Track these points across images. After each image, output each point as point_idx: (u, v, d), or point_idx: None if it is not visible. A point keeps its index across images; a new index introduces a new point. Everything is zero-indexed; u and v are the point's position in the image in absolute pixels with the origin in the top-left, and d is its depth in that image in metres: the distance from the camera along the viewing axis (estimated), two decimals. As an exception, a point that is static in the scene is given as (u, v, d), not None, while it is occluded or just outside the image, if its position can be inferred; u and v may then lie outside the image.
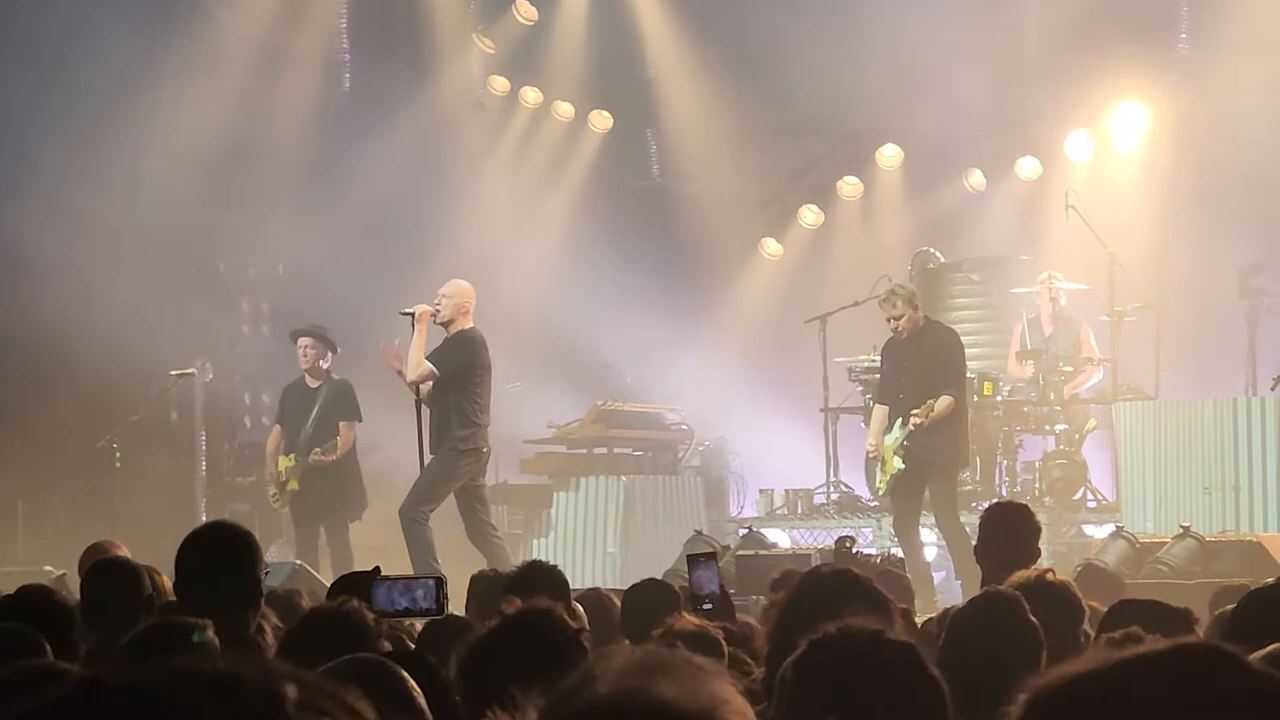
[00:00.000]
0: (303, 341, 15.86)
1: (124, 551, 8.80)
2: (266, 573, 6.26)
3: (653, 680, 1.86)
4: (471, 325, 13.95)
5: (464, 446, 13.81)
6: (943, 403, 13.82)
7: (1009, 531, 8.49)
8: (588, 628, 4.91)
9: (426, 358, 13.77)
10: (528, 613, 4.62)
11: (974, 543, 9.08)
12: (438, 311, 13.85)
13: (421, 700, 4.03)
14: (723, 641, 5.70)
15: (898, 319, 13.99)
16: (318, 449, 15.48)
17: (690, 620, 5.84)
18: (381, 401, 15.84)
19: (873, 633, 3.57)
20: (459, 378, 13.80)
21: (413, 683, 4.04)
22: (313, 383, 15.78)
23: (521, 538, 17.36)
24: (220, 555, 6.14)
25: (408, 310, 13.89)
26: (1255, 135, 17.76)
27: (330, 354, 15.82)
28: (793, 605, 5.17)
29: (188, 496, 19.51)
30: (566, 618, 4.70)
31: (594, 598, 8.21)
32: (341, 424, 15.62)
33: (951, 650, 4.90)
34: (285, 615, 6.90)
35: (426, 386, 13.95)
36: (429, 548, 13.49)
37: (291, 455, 15.63)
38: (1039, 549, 8.46)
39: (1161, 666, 1.83)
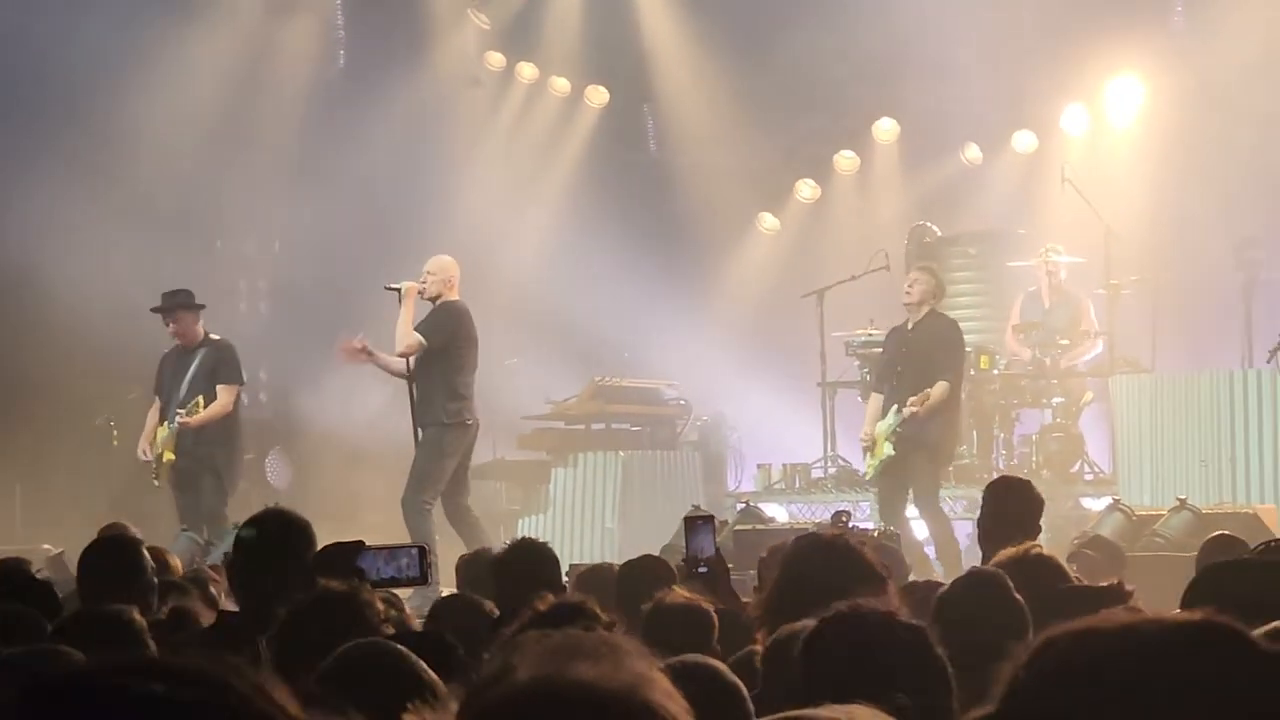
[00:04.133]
0: (166, 317, 14.58)
1: (134, 533, 8.71)
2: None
3: (571, 663, 1.86)
4: (457, 298, 13.92)
5: (449, 420, 13.69)
6: (938, 389, 13.82)
7: (1011, 506, 8.50)
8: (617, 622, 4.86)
9: (414, 329, 13.72)
10: (560, 607, 4.61)
11: (976, 517, 9.11)
12: (424, 288, 13.83)
13: (440, 687, 4.03)
14: (714, 614, 5.68)
15: (917, 286, 14.05)
16: (180, 411, 14.15)
17: (680, 594, 5.81)
18: (383, 377, 15.63)
19: (885, 614, 3.61)
20: (445, 350, 13.70)
21: (426, 668, 4.04)
22: (188, 346, 14.54)
23: (519, 514, 17.38)
24: (274, 543, 6.14)
25: (394, 285, 13.85)
26: (1250, 108, 17.75)
27: (199, 315, 14.56)
28: (787, 576, 5.20)
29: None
30: (598, 611, 4.69)
31: (602, 572, 8.25)
32: (220, 388, 14.35)
33: (941, 629, 4.94)
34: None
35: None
36: (428, 539, 12.68)
37: (165, 425, 14.31)
38: (1040, 525, 8.47)
39: (1166, 636, 1.82)
